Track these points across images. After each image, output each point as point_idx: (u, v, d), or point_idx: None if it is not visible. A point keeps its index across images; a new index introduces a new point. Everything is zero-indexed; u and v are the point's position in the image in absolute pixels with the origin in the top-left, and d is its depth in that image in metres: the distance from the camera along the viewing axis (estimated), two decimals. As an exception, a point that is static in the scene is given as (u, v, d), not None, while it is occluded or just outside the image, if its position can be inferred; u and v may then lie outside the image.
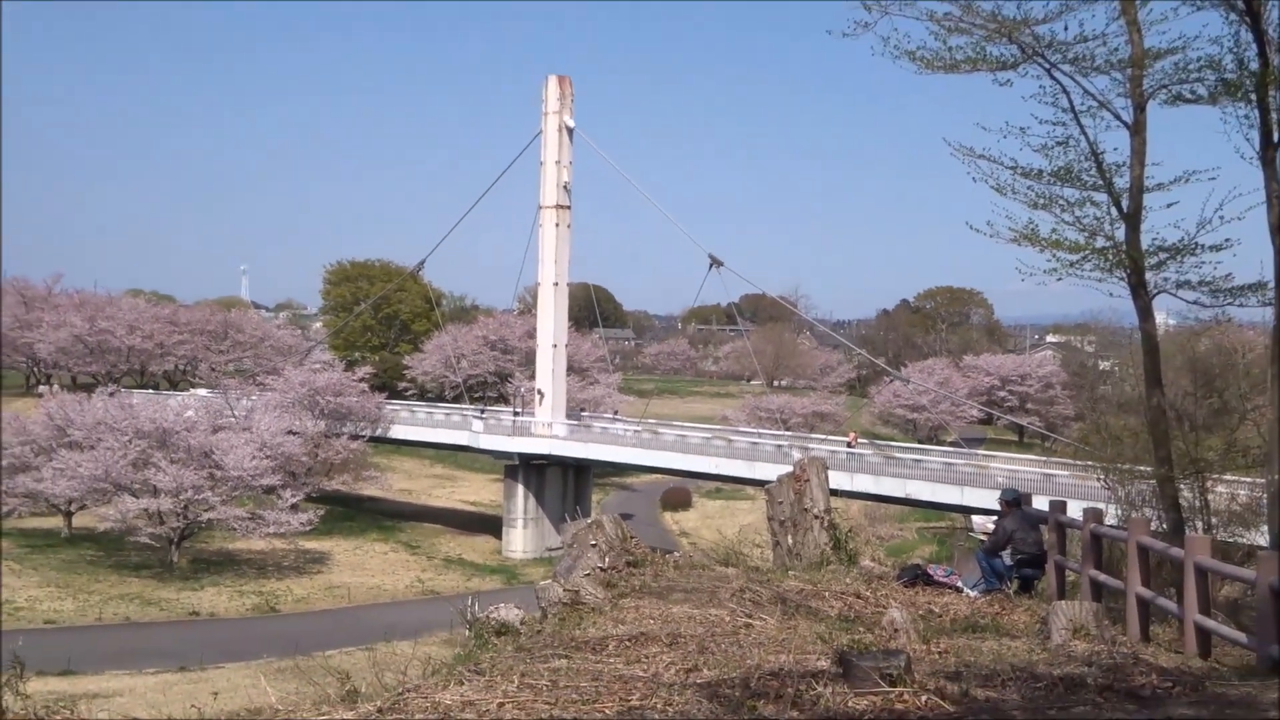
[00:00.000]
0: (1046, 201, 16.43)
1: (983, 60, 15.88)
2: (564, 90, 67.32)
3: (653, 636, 9.51)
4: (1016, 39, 15.64)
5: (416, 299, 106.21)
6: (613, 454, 65.83)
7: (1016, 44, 15.68)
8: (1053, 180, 16.32)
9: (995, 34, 15.64)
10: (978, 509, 45.13)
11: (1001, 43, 15.71)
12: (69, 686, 31.40)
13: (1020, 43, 15.68)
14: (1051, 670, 8.37)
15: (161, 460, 53.75)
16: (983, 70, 15.98)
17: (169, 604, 49.11)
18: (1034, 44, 15.67)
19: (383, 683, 9.42)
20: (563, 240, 67.75)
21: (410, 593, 54.46)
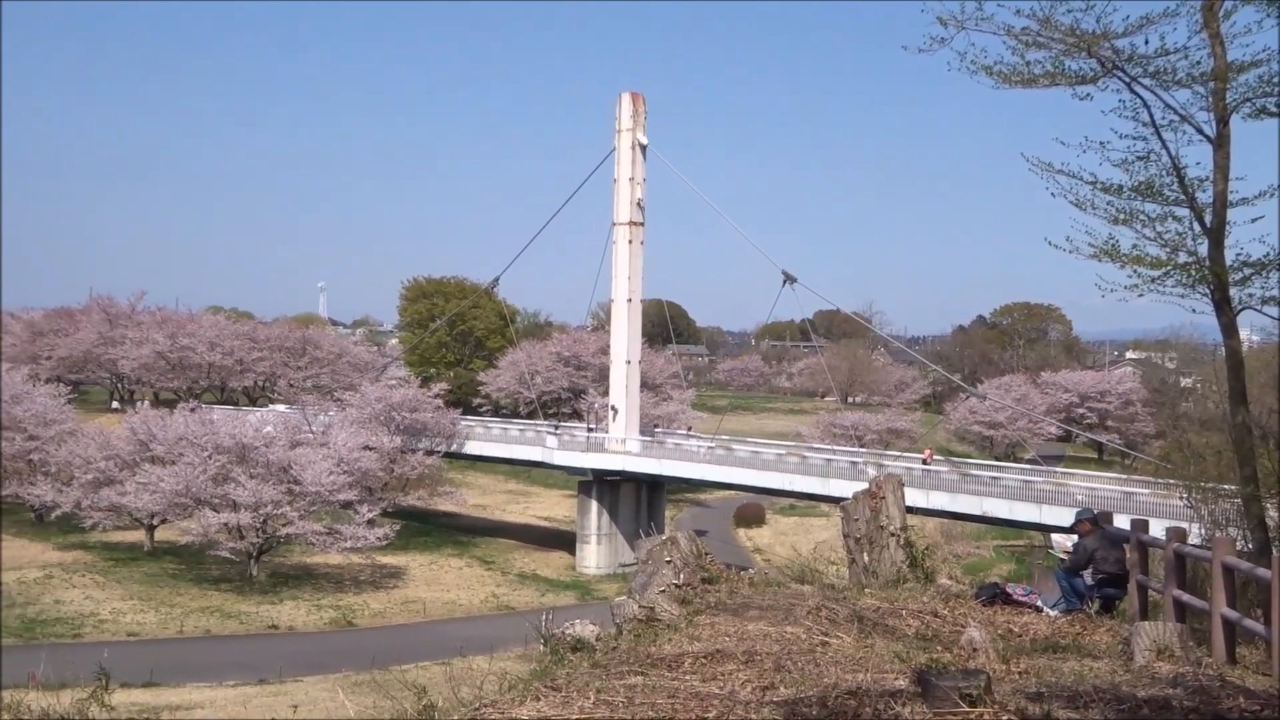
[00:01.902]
0: (1127, 217, 16.19)
1: (1061, 75, 15.71)
2: (637, 107, 67.53)
3: (728, 654, 9.47)
4: (1096, 53, 15.45)
5: (491, 315, 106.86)
6: (686, 470, 65.72)
7: (1096, 58, 15.49)
8: (1133, 195, 16.09)
9: (1074, 48, 15.47)
10: (1056, 527, 44.53)
11: (1080, 57, 15.54)
12: (152, 698, 31.88)
13: (1100, 57, 15.49)
14: (1136, 692, 8.24)
15: (241, 475, 54.45)
16: (1061, 85, 15.81)
17: (248, 617, 49.69)
18: (1114, 58, 15.47)
19: (459, 698, 9.47)
20: (636, 256, 67.87)
21: (485, 608, 54.70)
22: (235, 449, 56.45)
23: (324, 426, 67.73)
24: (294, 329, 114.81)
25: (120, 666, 8.54)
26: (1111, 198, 16.25)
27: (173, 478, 54.86)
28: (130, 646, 42.27)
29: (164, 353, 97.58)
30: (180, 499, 55.29)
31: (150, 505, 56.42)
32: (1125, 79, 15.69)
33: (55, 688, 10.17)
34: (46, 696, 8.46)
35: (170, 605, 50.47)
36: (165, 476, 55.09)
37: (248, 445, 56.72)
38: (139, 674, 35.25)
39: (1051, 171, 16.37)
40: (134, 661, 35.00)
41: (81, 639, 44.43)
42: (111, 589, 52.54)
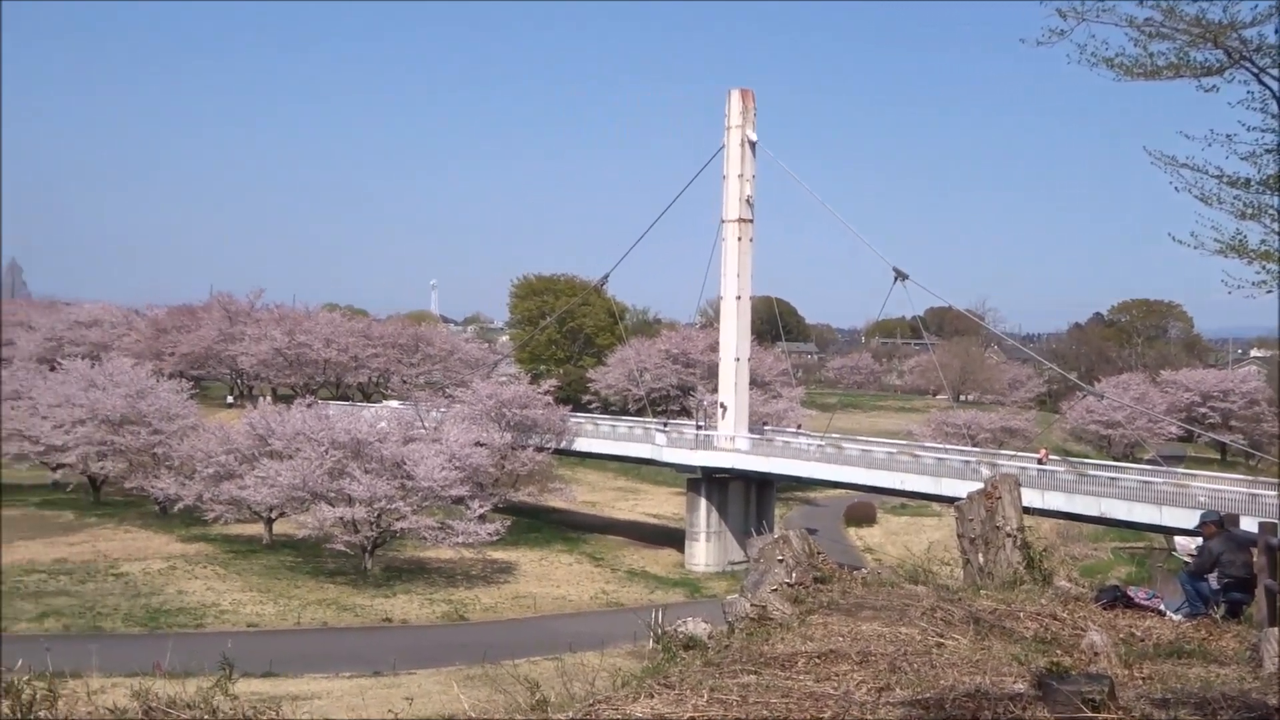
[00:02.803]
0: (1255, 211, 15.71)
1: (1185, 66, 15.28)
2: (746, 104, 67.28)
3: (842, 654, 9.38)
4: (1222, 44, 15.01)
5: (600, 313, 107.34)
6: (796, 468, 65.36)
7: (1223, 49, 15.05)
8: (1262, 189, 15.62)
9: (1199, 39, 15.04)
10: (1177, 529, 43.52)
11: (1206, 48, 15.10)
12: (271, 688, 32.48)
13: (1226, 47, 15.04)
14: (1266, 699, 8.00)
15: (356, 470, 55.31)
16: (1186, 77, 15.38)
17: (363, 610, 50.48)
18: (1241, 48, 15.02)
19: (571, 693, 9.50)
20: (745, 253, 67.66)
21: (595, 604, 54.94)
22: (350, 444, 57.37)
23: (436, 422, 68.57)
24: (407, 326, 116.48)
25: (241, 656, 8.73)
26: (1239, 191, 15.78)
27: (290, 472, 55.92)
28: (250, 637, 43.15)
29: (281, 349, 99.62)
30: (297, 493, 56.35)
31: (268, 499, 57.55)
32: (1253, 70, 15.23)
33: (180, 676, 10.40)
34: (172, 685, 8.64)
35: (288, 597, 51.47)
36: (283, 471, 56.19)
37: (362, 441, 57.60)
38: (258, 664, 35.95)
39: (1175, 165, 15.94)
40: (253, 652, 35.68)
41: (204, 629, 45.52)
42: (232, 580, 53.75)
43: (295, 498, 56.75)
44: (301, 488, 55.89)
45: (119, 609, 47.68)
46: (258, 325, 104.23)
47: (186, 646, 31.60)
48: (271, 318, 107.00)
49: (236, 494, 58.39)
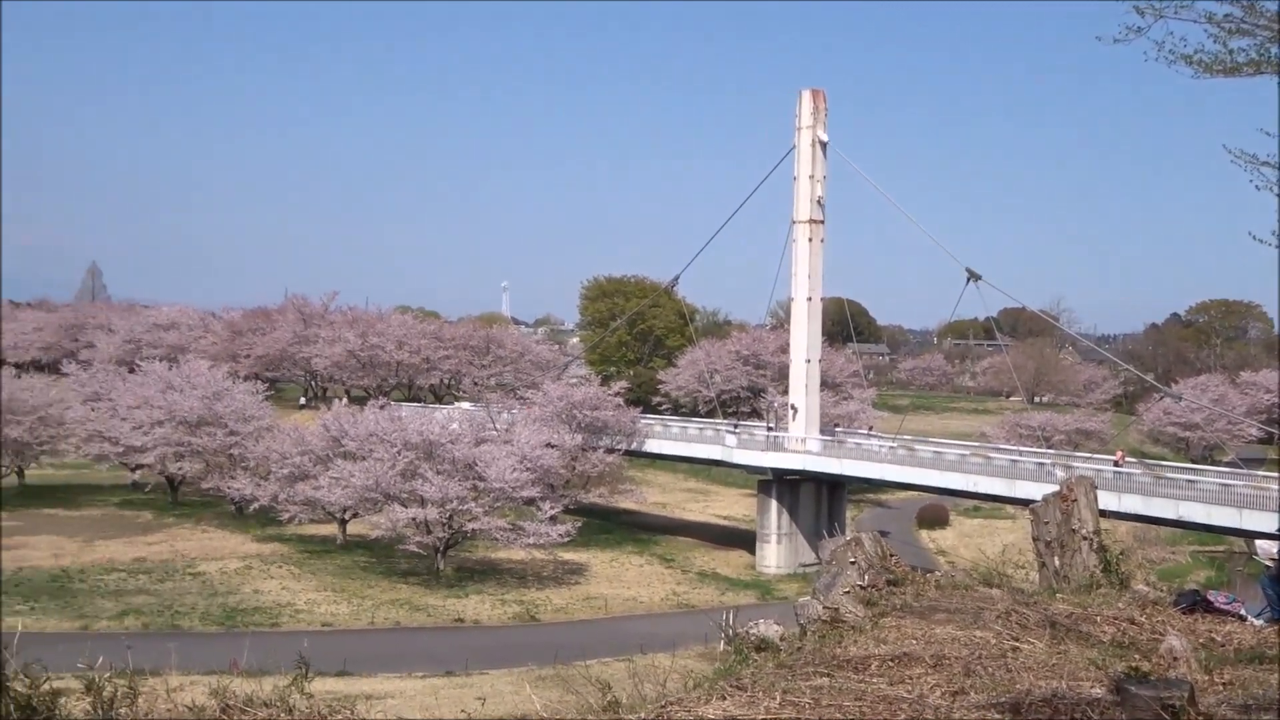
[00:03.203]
0: (1338, 211, 15.40)
1: (1266, 63, 15.03)
2: (817, 104, 66.98)
3: (916, 657, 9.30)
4: (1305, 39, 14.72)
5: (670, 314, 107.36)
6: (867, 470, 64.98)
7: (1305, 44, 14.76)
8: (1346, 188, 15.30)
9: (1281, 35, 14.76)
10: (1259, 533, 42.71)
11: (1288, 44, 14.82)
12: (345, 687, 32.79)
13: (1309, 43, 14.75)
14: (1350, 707, 7.82)
15: (428, 471, 55.72)
16: (1266, 73, 15.13)
17: (435, 610, 50.84)
18: (1324, 44, 14.73)
19: (643, 694, 9.49)
20: (816, 254, 67.35)
21: (665, 605, 54.94)
22: (423, 446, 57.81)
23: (507, 424, 68.92)
24: (478, 328, 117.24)
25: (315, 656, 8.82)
26: (1323, 190, 15.47)
27: (363, 473, 56.45)
28: (324, 636, 43.66)
29: (355, 351, 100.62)
30: (370, 494, 56.87)
31: (342, 500, 58.14)
32: (1336, 66, 14.92)
33: (256, 675, 10.51)
34: (249, 683, 8.74)
35: (361, 597, 51.96)
36: (356, 472, 56.73)
37: (434, 442, 58.02)
38: (333, 663, 36.32)
39: (1256, 164, 15.67)
40: (328, 651, 36.06)
41: (279, 628, 46.06)
42: (306, 580, 54.36)
43: (368, 498, 57.28)
44: (374, 489, 56.40)
45: (196, 608, 48.40)
46: (331, 327, 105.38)
47: (262, 645, 32.00)
48: (345, 320, 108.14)
49: (311, 494, 59.02)
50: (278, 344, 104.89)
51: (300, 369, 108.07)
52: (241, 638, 39.89)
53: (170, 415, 67.75)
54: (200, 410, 67.95)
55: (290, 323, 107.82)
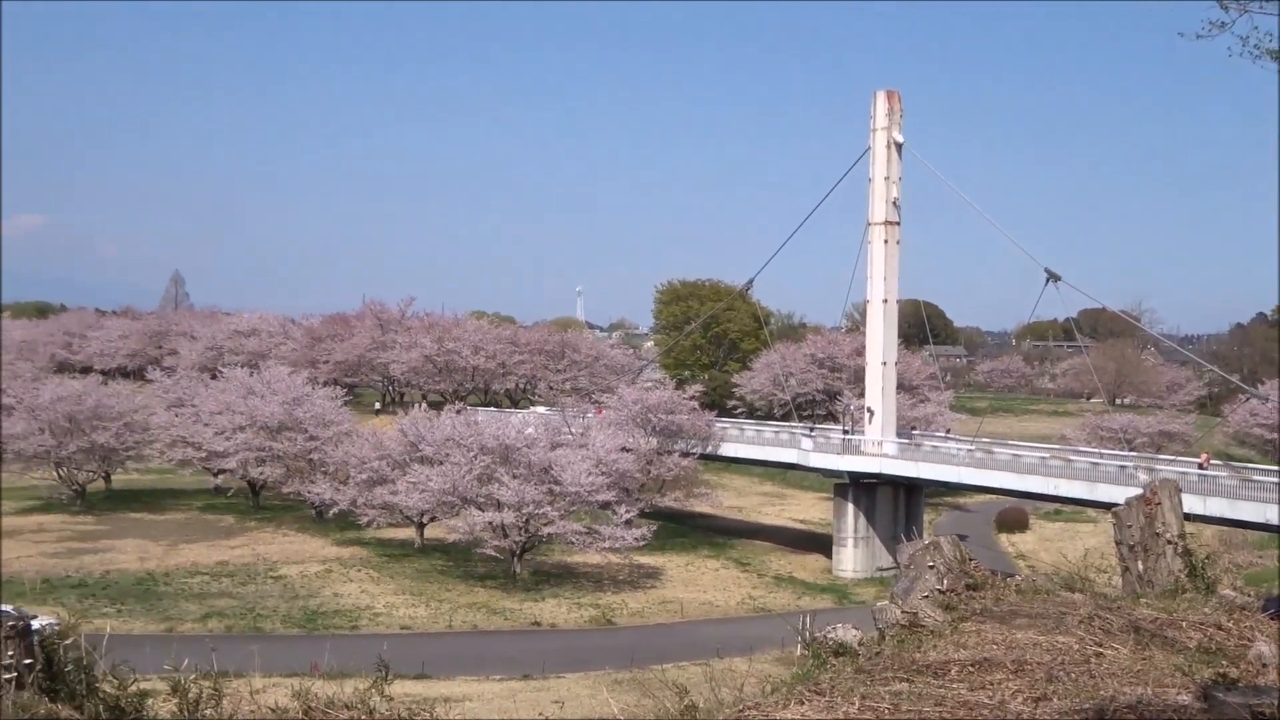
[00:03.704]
0: None
1: (1356, 58, 14.69)
2: (892, 105, 66.47)
3: (996, 662, 9.19)
4: (1396, 32, 14.38)
5: (745, 317, 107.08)
6: (945, 473, 64.36)
7: (1397, 38, 14.43)
8: None
9: (1372, 28, 14.43)
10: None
11: (1378, 38, 14.49)
12: (423, 690, 33.06)
13: (1400, 36, 14.41)
14: None
15: (504, 475, 55.99)
16: (1355, 69, 14.78)
17: (512, 613, 51.09)
18: None
19: (719, 698, 9.47)
20: (891, 256, 66.85)
21: (741, 609, 54.79)
22: (499, 450, 58.11)
23: (583, 428, 69.08)
24: (553, 333, 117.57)
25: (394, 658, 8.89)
26: None
27: (440, 477, 56.86)
28: (403, 639, 44.01)
29: (431, 356, 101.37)
30: (447, 498, 57.26)
31: (419, 504, 58.58)
32: None
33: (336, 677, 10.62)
34: (330, 685, 8.83)
35: (439, 600, 52.33)
36: (433, 476, 57.16)
37: (510, 446, 58.29)
38: (411, 666, 36.64)
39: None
40: (406, 654, 36.38)
41: (358, 631, 46.54)
42: (385, 584, 54.86)
43: (445, 503, 57.68)
44: (451, 493, 56.78)
45: (277, 610, 49.03)
46: (408, 333, 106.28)
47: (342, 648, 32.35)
48: (421, 325, 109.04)
49: (389, 499, 59.54)
50: (356, 349, 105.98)
51: (378, 374, 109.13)
52: (322, 640, 40.45)
53: (251, 421, 68.67)
54: (280, 416, 68.79)
55: (368, 328, 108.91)
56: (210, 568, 56.46)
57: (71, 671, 5.78)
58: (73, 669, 5.80)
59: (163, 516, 69.56)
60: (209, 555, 59.13)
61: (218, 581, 53.96)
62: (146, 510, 71.09)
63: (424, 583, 55.46)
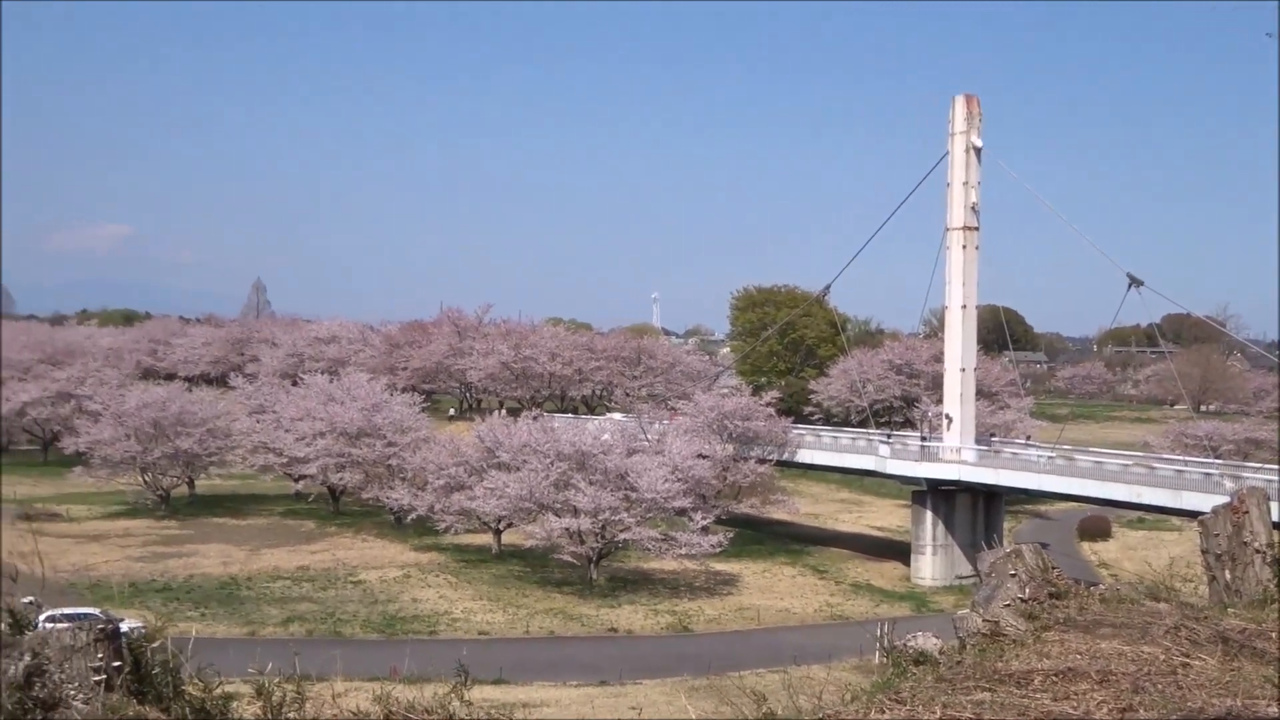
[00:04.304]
0: None
1: None
2: (971, 110, 65.83)
3: (1081, 673, 9.04)
4: None
5: (822, 324, 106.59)
6: (1025, 480, 63.54)
7: None
8: None
9: None
10: None
11: None
12: (501, 695, 33.22)
13: None
14: None
15: (581, 482, 56.14)
16: None
17: (589, 620, 51.18)
18: None
19: (798, 706, 9.40)
20: (970, 262, 66.19)
21: (819, 617, 54.48)
22: (575, 456, 58.28)
23: (659, 434, 69.10)
24: (629, 339, 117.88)
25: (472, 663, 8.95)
26: None
27: (517, 484, 57.15)
28: (481, 644, 44.26)
29: (508, 363, 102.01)
30: (524, 504, 57.54)
31: (497, 510, 58.93)
32: None
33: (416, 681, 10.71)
34: (410, 690, 8.91)
35: (517, 606, 52.57)
36: (510, 482, 57.46)
37: (587, 453, 58.46)
38: (489, 671, 36.84)
39: None
40: (484, 659, 36.61)
41: (436, 636, 46.87)
42: (463, 589, 55.21)
43: (522, 509, 57.96)
44: (528, 499, 57.05)
45: (357, 615, 49.52)
46: (485, 340, 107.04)
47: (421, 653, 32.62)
48: (498, 332, 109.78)
49: (466, 505, 59.95)
50: (434, 356, 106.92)
51: (455, 381, 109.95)
52: (401, 645, 40.83)
53: (331, 427, 69.46)
54: (360, 422, 69.53)
55: (446, 335, 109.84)
56: (291, 572, 57.18)
57: (159, 674, 5.86)
58: (160, 671, 5.89)
59: (245, 521, 70.60)
60: (290, 560, 59.88)
61: (298, 586, 54.63)
62: (229, 515, 72.18)
63: (501, 588, 55.74)
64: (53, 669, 5.21)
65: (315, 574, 56.97)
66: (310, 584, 55.06)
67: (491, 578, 57.74)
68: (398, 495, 64.22)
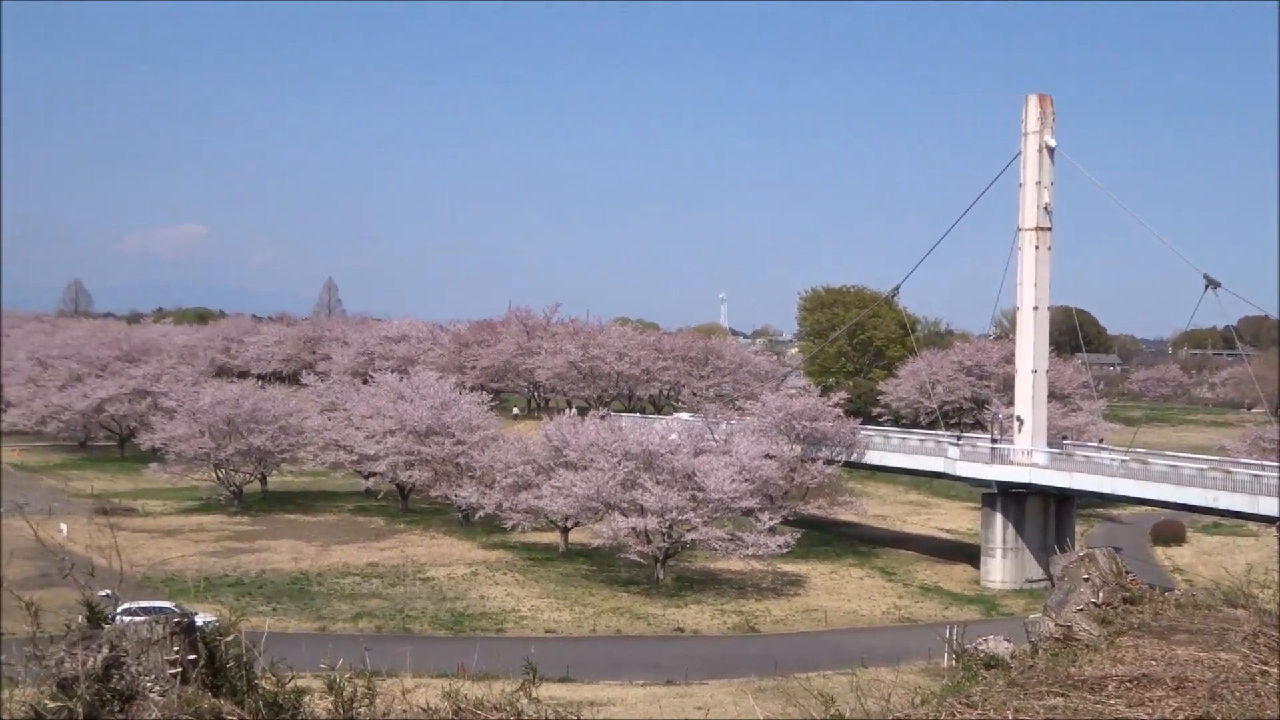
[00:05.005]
0: None
1: None
2: (1044, 109, 65.08)
3: (1156, 679, 8.92)
4: None
5: (891, 325, 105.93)
6: (1097, 484, 62.71)
7: None
8: None
9: None
10: None
11: None
12: (568, 693, 33.29)
13: None
14: None
15: (648, 481, 56.16)
16: None
17: (655, 619, 51.19)
18: None
19: (866, 709, 9.34)
20: (1043, 263, 65.45)
21: (886, 619, 54.11)
22: (642, 456, 58.32)
23: (726, 434, 68.97)
24: (697, 339, 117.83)
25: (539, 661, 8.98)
26: None
27: (584, 483, 57.29)
28: (547, 642, 44.40)
29: (576, 362, 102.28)
30: (591, 503, 57.68)
31: (564, 508, 59.10)
32: None
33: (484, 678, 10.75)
34: (479, 687, 8.95)
35: (583, 605, 52.70)
36: (577, 481, 57.63)
37: (654, 452, 58.47)
38: (556, 669, 36.96)
39: None
40: (551, 657, 36.72)
41: (504, 634, 47.09)
42: (530, 587, 55.44)
43: (589, 508, 58.10)
44: (595, 498, 57.17)
45: (426, 612, 49.87)
46: (553, 339, 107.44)
47: (488, 650, 32.78)
48: (566, 331, 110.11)
49: (534, 503, 60.19)
50: (502, 355, 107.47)
51: (523, 380, 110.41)
52: (468, 642, 41.07)
53: (401, 425, 70.01)
54: (429, 420, 70.02)
55: (514, 334, 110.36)
56: (361, 569, 57.71)
57: (232, 668, 5.93)
58: (234, 665, 5.96)
59: (316, 518, 71.40)
60: (360, 556, 60.45)
61: (368, 582, 55.12)
62: (300, 512, 73.01)
63: (568, 587, 55.91)
64: (130, 661, 5.28)
65: (384, 570, 57.46)
66: (379, 580, 55.54)
67: (558, 576, 57.93)
68: (466, 493, 64.61)
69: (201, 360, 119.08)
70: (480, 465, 66.06)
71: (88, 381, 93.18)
